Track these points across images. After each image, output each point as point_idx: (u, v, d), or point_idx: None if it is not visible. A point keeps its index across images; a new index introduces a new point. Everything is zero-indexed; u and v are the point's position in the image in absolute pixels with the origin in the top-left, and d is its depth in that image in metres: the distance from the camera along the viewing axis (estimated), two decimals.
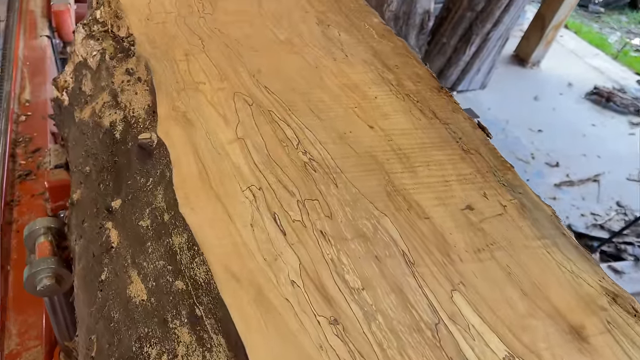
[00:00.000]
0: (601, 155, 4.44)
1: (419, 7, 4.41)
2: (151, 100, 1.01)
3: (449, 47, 4.81)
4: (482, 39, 4.65)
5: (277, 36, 1.24)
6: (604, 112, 4.99)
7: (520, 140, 4.49)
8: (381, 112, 1.03)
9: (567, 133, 4.65)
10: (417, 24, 4.51)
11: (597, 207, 3.89)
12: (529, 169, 4.19)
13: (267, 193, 0.82)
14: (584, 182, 4.11)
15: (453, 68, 4.87)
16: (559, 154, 4.39)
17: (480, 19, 4.52)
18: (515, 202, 0.85)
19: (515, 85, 5.26)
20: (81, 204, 1.04)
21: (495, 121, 4.69)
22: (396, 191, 0.85)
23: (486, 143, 0.97)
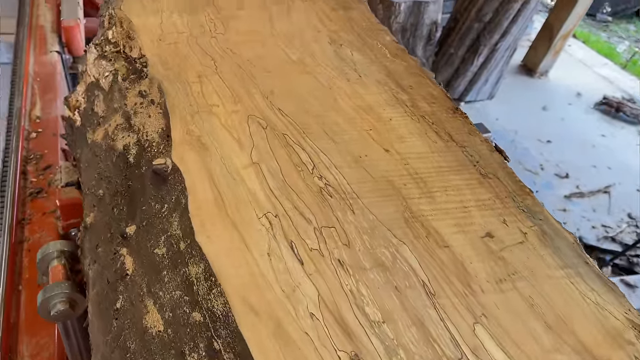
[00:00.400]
0: (611, 166, 4.40)
1: (426, 19, 4.41)
2: (165, 124, 1.00)
3: (457, 57, 4.80)
4: (490, 50, 4.64)
5: (290, 56, 1.23)
6: (613, 122, 4.96)
7: (529, 151, 4.47)
8: (396, 135, 1.01)
9: (576, 144, 4.62)
10: (424, 35, 4.51)
11: (608, 219, 3.86)
12: (538, 180, 4.16)
13: (283, 220, 0.81)
14: (595, 194, 4.08)
15: (461, 79, 4.86)
16: (568, 165, 4.36)
17: (487, 30, 4.51)
18: (536, 229, 0.84)
19: (524, 95, 5.24)
20: (95, 228, 1.03)
21: (504, 132, 4.67)
22: (414, 218, 0.84)
23: (504, 167, 0.96)
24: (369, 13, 1.47)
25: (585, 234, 3.72)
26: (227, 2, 1.44)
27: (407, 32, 4.49)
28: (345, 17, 1.42)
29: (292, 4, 1.46)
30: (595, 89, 5.42)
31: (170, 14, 1.35)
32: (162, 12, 1.36)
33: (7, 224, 1.58)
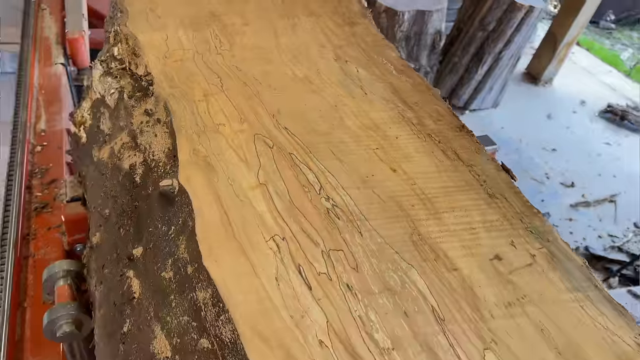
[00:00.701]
0: (617, 174, 4.39)
1: (430, 27, 4.41)
2: (171, 144, 1.00)
3: (461, 66, 4.80)
4: (494, 59, 4.64)
5: (295, 73, 1.23)
6: (618, 130, 4.94)
7: (534, 160, 4.46)
8: (403, 154, 1.01)
9: (581, 152, 4.60)
10: (428, 44, 4.51)
11: (614, 229, 3.84)
12: (544, 189, 4.15)
13: (291, 243, 0.80)
14: (600, 203, 4.06)
15: (465, 87, 4.86)
16: (573, 174, 4.35)
17: (491, 39, 4.51)
18: (544, 251, 0.83)
19: (528, 103, 5.23)
20: (101, 248, 1.03)
21: (509, 140, 4.66)
22: (422, 240, 0.83)
23: (511, 186, 0.95)
24: (373, 28, 1.47)
25: (592, 243, 3.70)
26: (233, 18, 1.44)
27: (411, 41, 4.49)
28: (350, 32, 1.42)
29: (297, 20, 1.46)
30: (599, 97, 5.41)
31: (175, 30, 1.36)
32: (167, 28, 1.36)
33: (12, 239, 1.58)
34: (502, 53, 4.59)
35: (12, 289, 1.44)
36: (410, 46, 4.52)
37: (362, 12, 1.54)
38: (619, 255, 3.56)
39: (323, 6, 1.55)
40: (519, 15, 4.39)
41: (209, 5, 1.49)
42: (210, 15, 1.44)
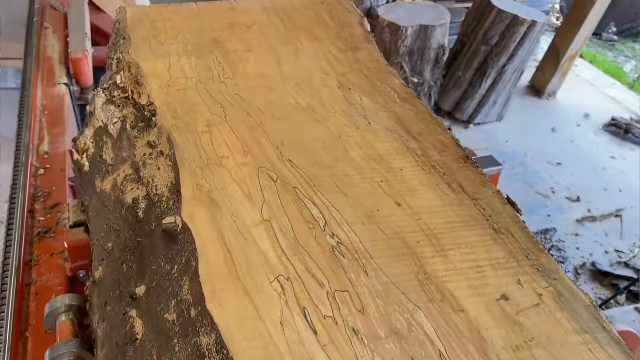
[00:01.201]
0: (622, 189, 4.36)
1: (433, 42, 4.42)
2: (174, 177, 1.00)
3: (465, 80, 4.80)
4: (498, 72, 4.63)
5: (299, 102, 1.23)
6: (623, 143, 4.92)
7: (539, 174, 4.44)
8: (408, 187, 1.00)
9: (586, 166, 4.59)
10: (431, 58, 4.51)
11: (620, 244, 3.82)
12: (549, 204, 4.13)
13: (295, 284, 0.79)
14: (606, 217, 4.04)
15: (469, 101, 4.86)
16: (579, 188, 4.33)
17: (495, 53, 4.51)
18: (551, 290, 0.82)
19: (532, 116, 5.22)
20: (103, 284, 1.02)
21: (514, 154, 4.65)
22: (428, 279, 0.82)
23: (517, 221, 0.94)
24: (377, 54, 1.47)
25: (599, 258, 3.68)
26: (235, 44, 1.44)
27: (414, 55, 4.50)
28: (353, 58, 1.42)
29: (300, 46, 1.46)
30: (603, 110, 5.39)
31: (178, 58, 1.35)
32: (170, 55, 1.36)
33: (14, 265, 1.57)
34: (505, 67, 4.59)
35: (13, 318, 1.43)
36: (414, 60, 4.53)
37: (365, 37, 1.54)
38: (625, 271, 3.53)
39: (326, 31, 1.54)
40: (521, 30, 4.39)
41: (211, 32, 1.49)
42: (213, 42, 1.44)
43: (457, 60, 4.82)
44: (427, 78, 4.61)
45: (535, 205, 4.08)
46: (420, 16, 4.41)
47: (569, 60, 5.26)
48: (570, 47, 5.13)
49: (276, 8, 1.64)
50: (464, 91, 4.85)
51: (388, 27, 4.38)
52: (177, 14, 1.57)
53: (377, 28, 4.47)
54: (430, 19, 4.38)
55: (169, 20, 1.53)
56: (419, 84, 4.56)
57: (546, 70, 5.46)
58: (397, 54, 4.43)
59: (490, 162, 2.02)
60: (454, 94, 4.92)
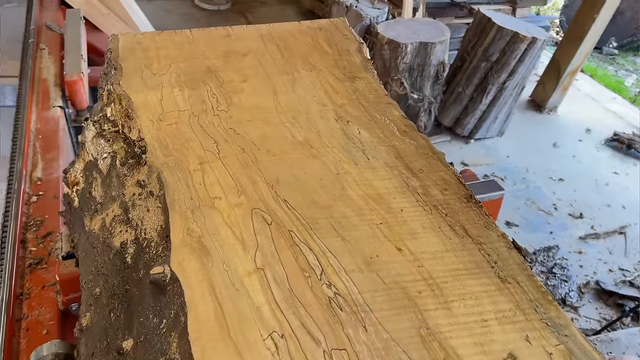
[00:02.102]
0: (626, 205, 4.31)
1: (433, 59, 4.39)
2: (164, 221, 0.95)
3: (465, 96, 4.77)
4: (498, 89, 4.60)
5: (295, 136, 1.18)
6: (625, 159, 4.88)
7: (542, 190, 4.39)
8: (408, 229, 0.96)
9: (589, 182, 4.54)
10: (432, 75, 4.48)
11: (625, 262, 3.76)
12: (552, 221, 4.08)
13: (290, 342, 0.75)
14: (610, 235, 3.99)
15: (470, 117, 4.82)
16: (582, 205, 4.28)
17: (495, 69, 4.48)
18: (562, 349, 0.77)
19: (533, 131, 5.19)
20: (91, 332, 0.97)
21: (515, 170, 4.60)
22: (431, 335, 0.78)
23: (524, 268, 0.90)
24: (376, 83, 1.42)
25: (603, 277, 3.62)
26: (230, 74, 1.40)
27: (414, 72, 4.47)
28: (351, 88, 1.37)
29: (297, 75, 1.42)
30: (605, 125, 5.36)
31: (171, 90, 1.31)
32: (162, 87, 1.32)
33: (4, 300, 1.52)
34: (506, 83, 4.56)
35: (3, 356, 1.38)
36: (414, 77, 4.50)
37: (364, 65, 1.50)
38: (630, 290, 3.48)
39: (324, 59, 1.50)
40: (522, 47, 4.36)
41: (206, 60, 1.45)
42: (207, 72, 1.40)
43: (458, 76, 4.79)
44: (427, 94, 4.58)
45: (538, 223, 4.03)
46: (420, 33, 4.39)
47: (570, 75, 5.23)
48: (571, 63, 5.10)
49: (273, 35, 1.60)
50: (464, 107, 4.81)
51: (388, 44, 4.36)
52: (170, 42, 1.53)
53: (376, 45, 4.45)
54: (430, 36, 4.36)
55: (163, 49, 1.49)
56: (419, 100, 4.53)
57: (547, 85, 5.43)
58: (397, 71, 4.40)
59: (493, 187, 1.98)
60: (455, 109, 4.88)
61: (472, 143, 4.93)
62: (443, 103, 4.92)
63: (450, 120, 4.97)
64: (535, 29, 4.55)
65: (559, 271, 3.55)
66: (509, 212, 4.05)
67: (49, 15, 3.43)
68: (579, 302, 3.38)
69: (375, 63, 4.46)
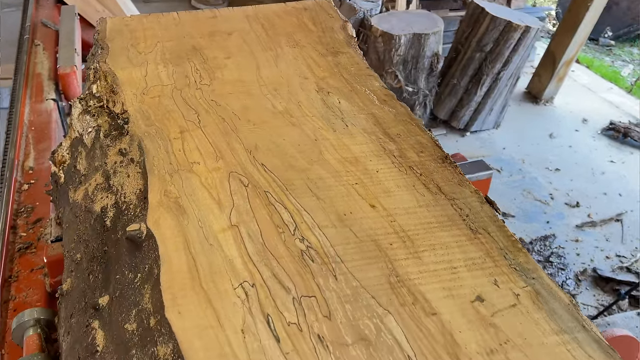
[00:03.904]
0: (622, 193, 4.31)
1: (427, 50, 4.40)
2: (143, 185, 0.97)
3: (460, 87, 4.78)
4: (493, 79, 4.61)
5: (276, 106, 1.20)
6: (622, 147, 4.88)
7: (538, 180, 4.40)
8: (383, 188, 0.97)
9: (585, 171, 4.54)
10: (426, 66, 4.50)
11: (622, 249, 3.76)
12: (549, 210, 4.08)
13: (260, 290, 0.76)
14: (607, 222, 3.98)
15: (465, 109, 4.83)
16: (578, 194, 4.28)
17: (489, 60, 4.49)
18: (529, 290, 0.78)
19: (530, 123, 5.19)
20: (71, 296, 0.99)
21: (512, 161, 4.61)
22: (400, 282, 0.79)
23: (495, 220, 0.91)
24: (358, 57, 1.44)
25: (600, 264, 3.62)
26: (214, 51, 1.42)
27: (408, 64, 4.48)
28: (333, 62, 1.39)
29: (280, 51, 1.43)
30: (601, 115, 5.36)
31: (155, 66, 1.33)
32: (147, 64, 1.34)
33: None
34: (500, 73, 4.57)
35: None
36: (408, 69, 4.51)
37: (347, 41, 1.51)
38: (627, 276, 3.48)
39: (307, 36, 1.52)
40: (515, 36, 4.37)
41: (191, 40, 1.47)
42: (192, 50, 1.42)
43: (452, 68, 4.80)
44: (422, 87, 4.59)
45: (535, 212, 4.03)
46: (413, 25, 4.40)
47: (565, 65, 5.24)
48: (566, 53, 5.11)
49: (258, 16, 1.62)
50: (459, 99, 4.82)
51: (381, 36, 4.37)
52: (157, 23, 1.55)
53: (370, 38, 4.46)
54: (424, 27, 4.37)
55: (149, 29, 1.51)
56: (414, 92, 4.54)
57: (543, 77, 5.44)
58: (391, 63, 4.41)
59: (481, 167, 1.99)
60: (450, 102, 4.89)
61: (468, 136, 4.93)
62: (438, 96, 4.93)
63: (445, 114, 4.98)
64: (528, 18, 4.56)
65: (555, 260, 3.55)
66: (505, 203, 4.06)
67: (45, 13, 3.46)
68: (576, 290, 3.38)
69: (369, 56, 4.48)
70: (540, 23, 4.60)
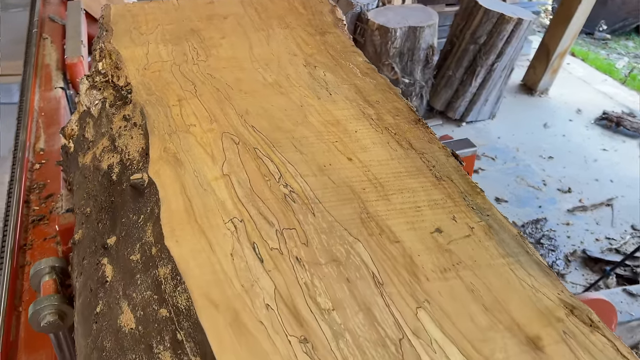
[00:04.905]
0: (614, 179, 4.42)
1: (422, 43, 4.51)
2: (145, 144, 1.08)
3: (455, 79, 4.89)
4: (487, 70, 4.72)
5: (266, 78, 1.31)
6: (614, 136, 4.98)
7: (531, 167, 4.51)
8: (360, 145, 1.08)
9: (578, 159, 4.65)
10: (421, 58, 4.60)
11: (611, 231, 3.87)
12: (541, 196, 4.19)
13: (247, 224, 0.87)
14: (598, 207, 4.09)
15: (461, 100, 4.94)
16: (570, 180, 4.39)
17: (483, 51, 4.60)
18: (483, 224, 0.89)
19: (525, 113, 5.30)
20: (82, 243, 1.10)
21: (506, 149, 4.72)
22: (370, 218, 0.90)
23: (458, 170, 1.02)
24: (344, 37, 1.55)
25: (589, 246, 3.73)
26: (211, 32, 1.53)
27: (404, 57, 4.59)
28: (321, 41, 1.50)
29: (271, 32, 1.55)
30: (595, 105, 5.46)
31: (156, 45, 1.45)
32: (148, 44, 1.46)
33: (9, 249, 1.66)
34: (494, 65, 4.68)
35: (8, 295, 1.52)
36: (404, 61, 4.62)
37: (335, 23, 1.63)
38: (616, 257, 3.58)
39: (298, 19, 1.63)
40: (508, 28, 4.48)
41: (189, 23, 1.58)
42: (190, 31, 1.53)
43: (448, 60, 4.92)
44: (418, 78, 4.70)
45: (527, 198, 4.14)
46: (409, 18, 4.51)
47: (559, 57, 5.34)
48: (559, 45, 5.21)
49: (252, 1, 1.74)
50: (455, 90, 4.93)
51: (378, 29, 4.48)
52: (158, 9, 1.67)
53: (367, 31, 4.58)
54: (419, 20, 4.48)
55: (150, 14, 1.63)
56: (410, 84, 4.65)
57: (537, 69, 5.54)
58: (388, 56, 4.53)
59: (465, 145, 2.09)
60: (446, 93, 5.00)
61: (464, 126, 5.04)
62: (434, 87, 5.04)
63: (442, 104, 5.09)
64: (521, 11, 4.67)
65: (546, 242, 3.66)
66: (498, 188, 4.17)
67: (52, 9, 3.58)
68: (565, 270, 3.49)
69: (366, 49, 4.59)
70: (532, 15, 4.70)
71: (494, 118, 5.13)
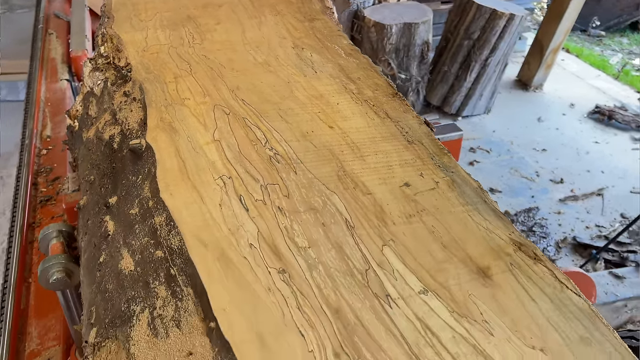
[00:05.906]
0: (605, 170, 4.51)
1: (417, 39, 4.61)
2: (143, 115, 1.18)
3: (451, 74, 4.99)
4: (481, 65, 4.82)
5: (256, 59, 1.41)
6: (606, 129, 5.08)
7: (525, 160, 4.60)
8: (341, 115, 1.18)
9: (571, 151, 4.75)
10: (417, 54, 4.70)
11: (601, 220, 3.96)
12: (534, 186, 4.28)
13: (235, 181, 0.97)
14: (588, 197, 4.19)
15: (456, 94, 5.04)
16: (563, 171, 4.48)
17: (477, 47, 4.70)
18: (447, 179, 0.99)
19: (519, 108, 5.39)
20: (86, 207, 1.20)
21: (500, 142, 4.81)
22: (346, 175, 1.00)
23: (429, 135, 1.12)
24: (331, 23, 1.65)
25: (580, 233, 3.82)
26: (206, 19, 1.63)
27: (400, 52, 4.69)
28: (309, 27, 1.60)
29: (263, 18, 1.65)
30: (588, 99, 5.56)
31: (154, 31, 1.55)
32: (147, 29, 1.56)
33: (18, 226, 1.76)
34: (488, 60, 4.77)
35: (18, 267, 1.62)
36: (400, 58, 4.72)
37: (323, 10, 1.73)
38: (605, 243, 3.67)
39: (288, 6, 1.74)
40: (500, 23, 4.58)
41: (186, 11, 1.69)
42: (187, 18, 1.63)
43: (443, 56, 5.02)
44: (414, 74, 4.80)
45: (520, 188, 4.24)
46: (404, 15, 4.62)
47: (552, 53, 5.44)
48: (552, 40, 5.31)
49: None
50: (450, 85, 5.03)
51: (374, 26, 4.58)
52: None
53: (364, 28, 4.68)
54: (414, 17, 4.58)
55: (150, 2, 1.73)
56: (407, 79, 4.75)
57: (531, 64, 5.64)
58: (384, 52, 4.63)
59: (452, 129, 2.19)
60: (442, 88, 5.10)
61: (460, 120, 5.14)
62: (431, 83, 5.14)
63: (438, 99, 5.19)
64: (513, 7, 4.77)
65: (538, 229, 3.75)
66: (492, 179, 4.26)
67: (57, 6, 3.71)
68: (556, 256, 3.58)
69: (363, 45, 4.69)
70: (524, 11, 4.80)
71: (489, 112, 5.23)
